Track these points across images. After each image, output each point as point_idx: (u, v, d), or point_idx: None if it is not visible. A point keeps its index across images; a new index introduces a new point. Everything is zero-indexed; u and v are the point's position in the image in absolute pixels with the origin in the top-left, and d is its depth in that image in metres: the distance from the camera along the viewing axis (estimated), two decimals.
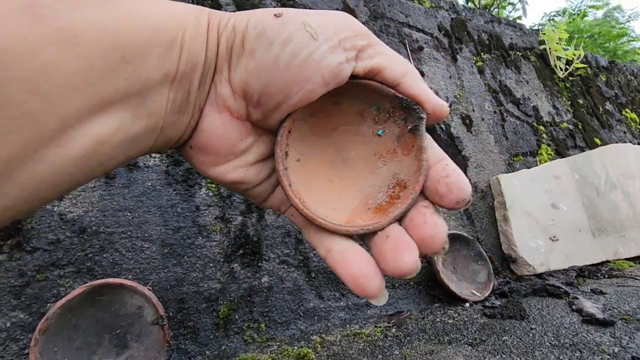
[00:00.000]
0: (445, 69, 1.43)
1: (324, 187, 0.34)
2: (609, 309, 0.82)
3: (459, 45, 1.54)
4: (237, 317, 0.75)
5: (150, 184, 0.77)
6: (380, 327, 0.81)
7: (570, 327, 0.73)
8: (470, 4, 6.73)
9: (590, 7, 9.86)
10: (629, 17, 9.54)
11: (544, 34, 1.83)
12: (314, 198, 0.32)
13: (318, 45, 0.24)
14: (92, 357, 0.61)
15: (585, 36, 8.77)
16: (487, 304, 0.91)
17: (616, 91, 2.06)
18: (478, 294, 0.97)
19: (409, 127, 0.32)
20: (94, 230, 0.70)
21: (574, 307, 0.83)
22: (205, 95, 0.26)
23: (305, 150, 0.33)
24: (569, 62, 1.85)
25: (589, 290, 0.97)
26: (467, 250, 1.05)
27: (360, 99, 0.32)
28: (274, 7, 1.10)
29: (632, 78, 2.23)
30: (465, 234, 1.06)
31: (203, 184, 0.83)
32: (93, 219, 0.70)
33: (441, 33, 1.51)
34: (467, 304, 0.93)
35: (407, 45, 1.37)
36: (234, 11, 1.04)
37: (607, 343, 0.64)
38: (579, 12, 9.78)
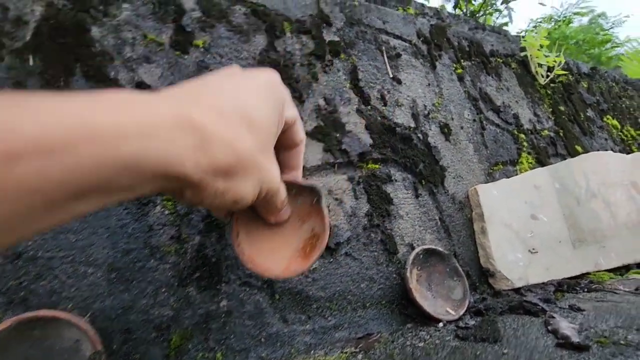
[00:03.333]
0: (424, 76, 1.40)
1: (268, 248, 0.56)
2: (586, 329, 0.78)
3: (438, 52, 1.51)
4: (190, 346, 0.70)
5: None
6: (346, 352, 0.76)
7: (544, 351, 0.69)
8: (457, 11, 6.78)
9: (575, 14, 10.02)
10: (613, 23, 9.71)
11: (525, 40, 1.82)
12: (262, 258, 0.55)
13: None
14: None
15: (570, 42, 8.92)
16: (461, 323, 0.87)
17: (598, 98, 2.06)
18: (453, 313, 0.93)
19: (315, 200, 0.59)
20: (30, 255, 0.64)
21: (549, 327, 0.79)
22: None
23: (250, 227, 0.56)
24: (550, 69, 1.84)
25: (567, 307, 0.94)
26: (442, 266, 1.02)
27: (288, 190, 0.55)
28: (243, 13, 1.05)
29: (614, 84, 2.24)
30: (440, 249, 1.02)
31: (158, 202, 0.78)
32: (30, 243, 0.65)
33: (420, 40, 1.48)
34: (441, 324, 0.89)
35: (384, 53, 1.34)
36: (200, 17, 1.00)
37: None
38: (564, 18, 9.93)
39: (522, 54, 1.83)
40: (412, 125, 1.26)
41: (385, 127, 1.18)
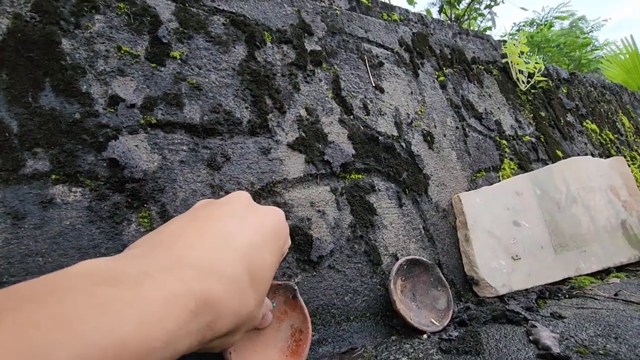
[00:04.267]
0: (407, 84, 1.41)
1: (254, 357, 0.64)
2: (566, 338, 0.79)
3: (420, 60, 1.52)
4: None
5: (68, 222, 0.69)
6: None
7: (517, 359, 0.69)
8: (442, 15, 6.85)
9: (555, 18, 10.27)
10: (592, 27, 9.99)
11: (506, 47, 1.85)
12: None
13: None
14: None
15: (552, 46, 9.12)
16: (444, 335, 0.87)
17: (577, 102, 2.10)
18: (437, 323, 0.93)
19: (291, 296, 0.73)
20: None
21: (531, 337, 0.80)
22: None
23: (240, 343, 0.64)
24: (530, 75, 1.88)
25: (549, 315, 0.94)
26: (426, 276, 1.01)
27: None
28: (222, 24, 1.04)
29: (592, 89, 2.29)
30: (424, 259, 1.02)
31: (133, 219, 0.75)
32: None
33: (402, 48, 1.49)
34: (425, 336, 0.89)
35: (367, 61, 1.34)
36: (177, 28, 0.98)
37: None
38: (545, 22, 10.16)
39: (503, 60, 1.86)
40: (395, 134, 1.26)
41: (368, 137, 1.18)
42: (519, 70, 1.82)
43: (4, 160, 0.68)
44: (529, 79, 1.85)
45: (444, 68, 1.60)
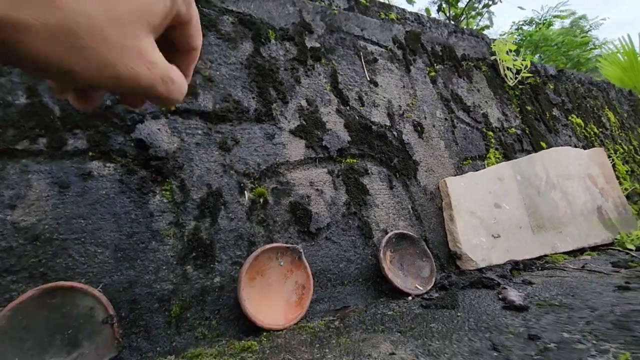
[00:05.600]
0: (399, 79, 1.53)
1: (265, 305, 0.84)
2: (531, 297, 0.91)
3: (412, 57, 1.64)
4: (188, 315, 0.80)
5: (104, 192, 0.82)
6: (325, 320, 0.87)
7: (491, 313, 0.82)
8: (440, 14, 6.93)
9: (554, 17, 10.31)
10: (590, 26, 10.05)
11: (495, 45, 1.96)
12: (263, 315, 0.82)
13: None
14: (43, 356, 0.65)
15: (550, 45, 9.20)
16: (426, 296, 0.99)
17: (563, 98, 2.22)
18: (421, 288, 1.05)
19: (297, 257, 0.92)
20: (47, 237, 0.74)
21: (500, 296, 0.92)
22: None
23: (250, 293, 0.84)
24: (519, 71, 1.99)
25: (520, 281, 1.07)
26: (413, 249, 1.14)
27: (271, 256, 0.90)
28: (231, 22, 1.15)
29: (579, 85, 2.41)
30: (411, 234, 1.15)
31: (157, 191, 0.88)
32: (46, 226, 0.74)
33: (395, 45, 1.61)
34: (410, 297, 1.01)
35: (362, 57, 1.46)
36: None
37: (516, 325, 0.73)
38: (544, 21, 10.22)
39: (492, 57, 1.97)
40: (388, 123, 1.38)
41: (362, 126, 1.30)
42: (507, 67, 1.94)
43: (50, 138, 0.80)
44: (517, 75, 1.97)
45: (435, 64, 1.71)
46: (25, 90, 0.81)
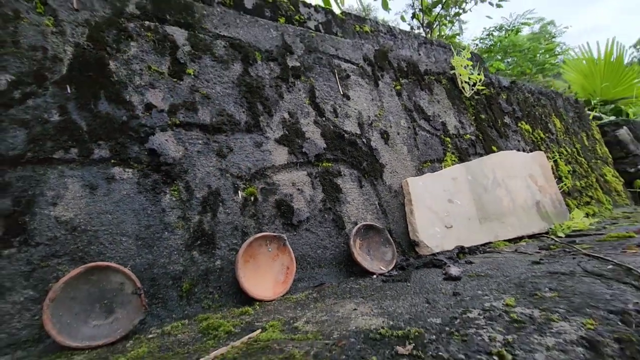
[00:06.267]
0: (369, 92, 1.77)
1: (258, 282, 1.08)
2: (467, 272, 1.16)
3: (380, 73, 1.88)
4: (196, 290, 1.01)
5: (125, 192, 1.01)
6: (305, 293, 1.09)
7: (433, 283, 1.06)
8: (414, 21, 7.25)
9: (522, 24, 10.89)
10: (554, 34, 10.71)
11: (454, 60, 2.24)
12: (255, 288, 1.05)
13: None
14: (87, 319, 0.84)
15: (518, 50, 9.76)
16: (387, 274, 1.23)
17: (514, 107, 2.53)
18: (384, 269, 1.29)
19: (282, 243, 1.16)
20: (82, 229, 0.92)
21: (444, 271, 1.17)
22: None
23: (246, 271, 1.07)
24: (475, 83, 2.28)
25: (464, 262, 1.32)
26: (378, 237, 1.37)
27: (261, 243, 1.13)
28: (223, 46, 1.35)
29: (529, 95, 2.73)
30: (377, 225, 1.38)
31: (167, 191, 1.07)
32: (82, 220, 0.93)
33: (366, 63, 1.85)
34: (375, 276, 1.25)
35: (336, 74, 1.69)
36: (190, 51, 1.29)
37: (448, 289, 0.97)
38: (513, 28, 10.79)
39: (452, 71, 2.25)
40: (358, 132, 1.61)
41: (336, 134, 1.53)
42: (464, 80, 2.22)
43: (80, 148, 0.98)
44: (473, 87, 2.25)
45: (401, 79, 1.96)
46: (58, 108, 0.99)
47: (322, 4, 2.54)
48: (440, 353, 0.57)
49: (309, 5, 2.17)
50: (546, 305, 0.72)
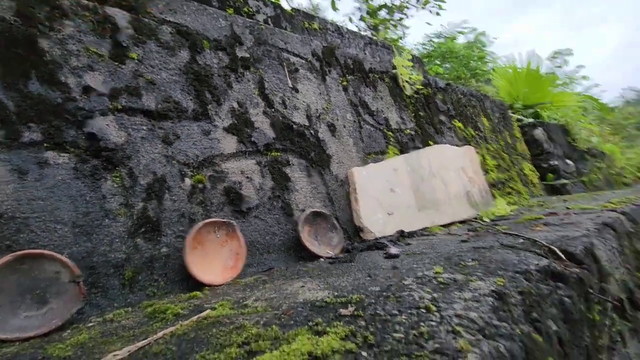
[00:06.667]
0: (317, 86, 1.83)
1: (206, 267, 1.08)
2: (405, 251, 1.27)
3: (328, 68, 1.96)
4: (140, 277, 0.98)
5: (60, 177, 0.95)
6: (254, 277, 1.12)
7: (375, 261, 1.15)
8: (361, 22, 7.50)
9: (459, 32, 11.73)
10: (486, 42, 11.69)
11: (395, 60, 2.38)
12: (203, 273, 1.05)
13: None
14: (16, 311, 0.79)
15: (455, 57, 10.53)
16: (334, 257, 1.30)
17: (449, 106, 2.76)
18: (331, 252, 1.36)
19: (231, 230, 1.16)
20: (10, 215, 0.86)
21: (385, 252, 1.26)
22: None
23: (194, 257, 1.06)
24: (414, 83, 2.45)
25: (403, 244, 1.43)
26: (325, 223, 1.44)
27: (210, 230, 1.12)
28: (169, 32, 1.32)
29: (462, 96, 3.00)
30: (325, 212, 1.45)
31: (108, 178, 1.03)
32: (9, 207, 0.86)
33: (314, 58, 1.91)
34: (322, 259, 1.31)
35: (286, 67, 1.72)
36: (133, 34, 1.24)
37: (387, 265, 1.06)
38: (450, 36, 11.60)
39: (394, 71, 2.40)
40: (307, 124, 1.67)
41: (285, 125, 1.57)
42: (405, 80, 2.38)
43: (7, 131, 0.91)
44: (413, 86, 2.42)
45: (347, 75, 2.05)
46: None
47: None
48: (377, 311, 0.64)
49: None
50: (467, 271, 0.84)
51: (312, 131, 1.67)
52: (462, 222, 1.99)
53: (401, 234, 1.57)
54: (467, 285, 0.72)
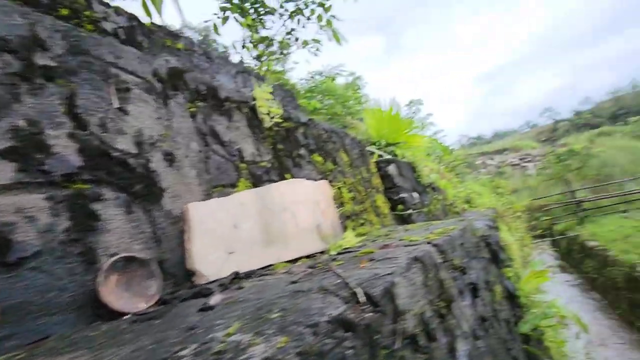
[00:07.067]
0: (155, 110, 1.63)
1: None
2: (229, 299, 1.16)
3: (173, 92, 1.79)
4: None
5: None
6: (7, 356, 0.84)
7: (185, 316, 1.00)
8: (245, 50, 7.50)
9: (336, 74, 12.89)
10: (361, 85, 13.15)
11: (256, 92, 2.37)
12: None
13: None
14: None
15: (333, 95, 11.47)
16: (143, 312, 1.10)
17: (309, 140, 2.88)
18: (145, 305, 1.15)
19: None
20: None
21: (205, 302, 1.13)
22: None
23: None
24: (275, 116, 2.46)
25: (235, 288, 1.32)
26: (142, 270, 1.23)
27: None
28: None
29: (323, 132, 3.18)
30: (141, 256, 1.24)
31: None
32: None
33: (155, 78, 1.71)
34: (129, 316, 1.09)
35: (113, 85, 1.48)
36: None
37: (193, 321, 0.92)
38: (330, 75, 12.65)
39: (253, 102, 2.37)
40: (134, 151, 1.45)
41: (101, 152, 1.32)
42: (264, 112, 2.37)
43: None
44: (272, 119, 2.43)
45: (197, 101, 1.92)
46: None
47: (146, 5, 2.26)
48: None
49: (107, 5, 1.90)
50: (262, 328, 0.77)
51: (141, 160, 1.45)
52: (310, 256, 2.01)
53: (236, 276, 1.47)
54: (243, 352, 0.64)
